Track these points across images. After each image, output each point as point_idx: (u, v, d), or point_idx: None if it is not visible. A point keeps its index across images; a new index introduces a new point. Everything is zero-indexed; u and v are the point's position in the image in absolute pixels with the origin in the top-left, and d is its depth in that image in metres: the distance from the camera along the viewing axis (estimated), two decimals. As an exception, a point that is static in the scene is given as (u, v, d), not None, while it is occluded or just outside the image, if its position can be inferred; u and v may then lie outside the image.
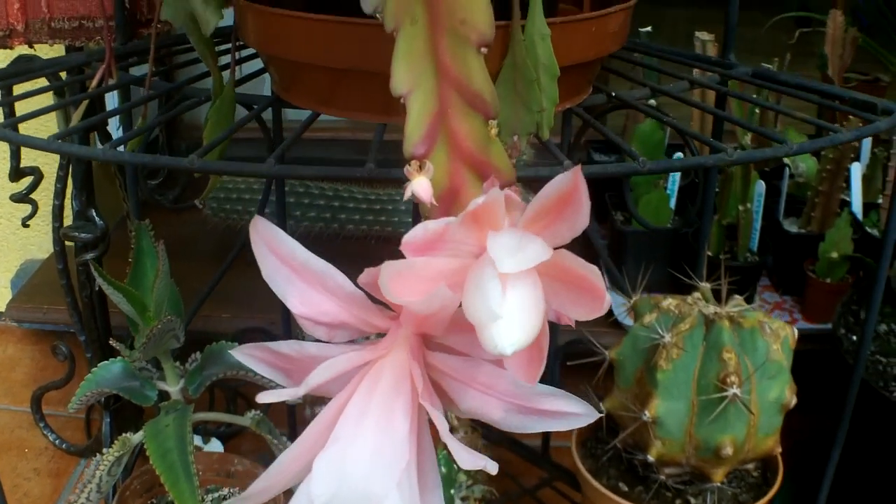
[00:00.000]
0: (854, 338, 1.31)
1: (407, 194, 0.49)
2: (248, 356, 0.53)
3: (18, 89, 0.95)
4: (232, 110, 0.84)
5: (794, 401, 0.96)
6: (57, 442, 1.43)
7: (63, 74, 1.07)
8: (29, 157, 1.26)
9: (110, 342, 0.96)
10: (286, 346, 0.51)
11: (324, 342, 0.50)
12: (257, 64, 0.90)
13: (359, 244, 1.70)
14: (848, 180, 1.62)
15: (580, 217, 0.44)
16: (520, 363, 0.44)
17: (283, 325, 1.28)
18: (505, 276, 0.41)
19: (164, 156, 0.74)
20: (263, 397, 0.48)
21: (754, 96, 1.23)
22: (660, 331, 0.94)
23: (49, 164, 1.24)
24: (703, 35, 1.62)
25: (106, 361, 0.97)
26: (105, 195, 1.29)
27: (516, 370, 0.45)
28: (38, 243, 1.79)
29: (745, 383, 0.92)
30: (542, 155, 0.72)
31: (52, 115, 1.20)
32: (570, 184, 0.43)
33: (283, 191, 1.19)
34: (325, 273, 0.49)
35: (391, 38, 0.50)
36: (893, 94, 2.01)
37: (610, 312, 1.45)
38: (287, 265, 0.49)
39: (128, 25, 1.09)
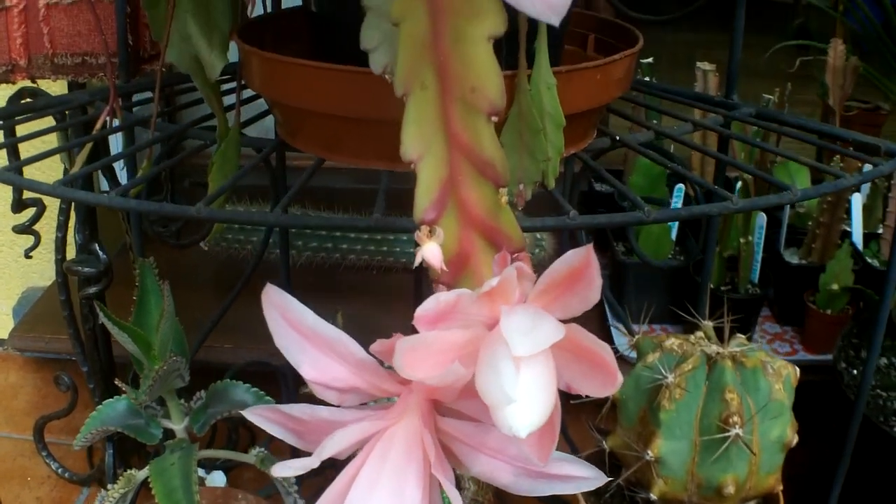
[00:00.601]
0: (854, 372, 1.32)
1: (417, 260, 0.49)
2: (260, 417, 0.53)
3: (22, 129, 0.95)
4: (237, 153, 0.85)
5: (795, 439, 0.96)
6: (59, 471, 1.43)
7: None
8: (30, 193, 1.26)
9: (115, 382, 0.96)
10: (297, 410, 0.52)
11: (335, 406, 0.51)
12: (263, 104, 0.90)
13: (360, 274, 1.70)
14: (848, 211, 1.63)
15: (592, 292, 0.44)
16: (532, 440, 0.45)
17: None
18: (518, 357, 0.42)
19: (169, 203, 0.74)
20: (277, 470, 0.48)
21: (757, 140, 1.23)
22: (663, 371, 0.94)
23: (50, 205, 1.24)
24: (704, 65, 1.63)
25: (111, 399, 0.98)
26: (106, 219, 1.29)
27: (529, 447, 0.45)
28: (40, 271, 1.79)
29: (748, 423, 0.92)
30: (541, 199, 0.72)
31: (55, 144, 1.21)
32: (581, 260, 0.44)
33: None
34: (336, 340, 0.49)
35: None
36: (894, 121, 2.02)
37: (612, 339, 1.45)
38: (299, 332, 0.50)
39: (131, 62, 1.10)
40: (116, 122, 0.92)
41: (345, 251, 1.64)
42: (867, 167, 0.90)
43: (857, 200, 1.60)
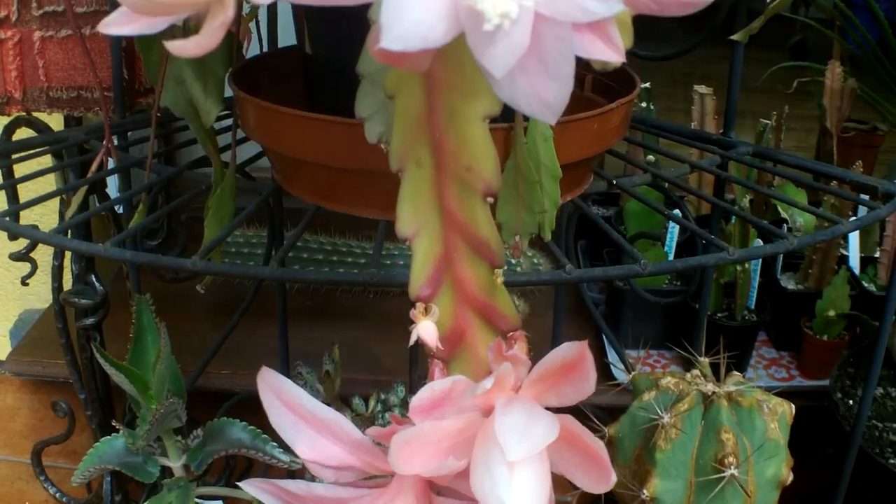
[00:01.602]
0: (850, 402, 1.32)
1: (412, 338, 0.49)
2: (257, 489, 0.53)
3: (19, 167, 0.96)
4: (233, 197, 0.84)
5: (790, 477, 0.96)
6: (58, 496, 1.43)
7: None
8: (29, 217, 1.26)
9: (113, 423, 0.96)
10: (294, 486, 0.52)
11: (331, 483, 0.51)
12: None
13: (357, 298, 1.70)
14: (845, 235, 1.63)
15: (586, 384, 0.44)
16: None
17: (282, 372, 1.28)
18: (513, 461, 0.42)
19: (164, 256, 0.74)
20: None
21: (753, 182, 1.23)
22: (659, 411, 0.94)
23: (48, 221, 1.24)
24: (701, 89, 1.63)
25: (108, 437, 0.98)
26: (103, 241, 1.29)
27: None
28: (38, 293, 1.79)
29: (743, 464, 0.92)
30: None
31: (52, 178, 1.21)
32: (576, 354, 0.44)
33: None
34: (331, 420, 0.50)
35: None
36: (892, 142, 2.02)
37: (610, 373, 1.45)
38: (295, 413, 0.50)
39: (126, 95, 1.09)
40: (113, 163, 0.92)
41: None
42: (864, 209, 0.90)
43: (855, 224, 1.60)
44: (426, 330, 0.49)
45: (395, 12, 0.36)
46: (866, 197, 0.96)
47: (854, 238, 1.62)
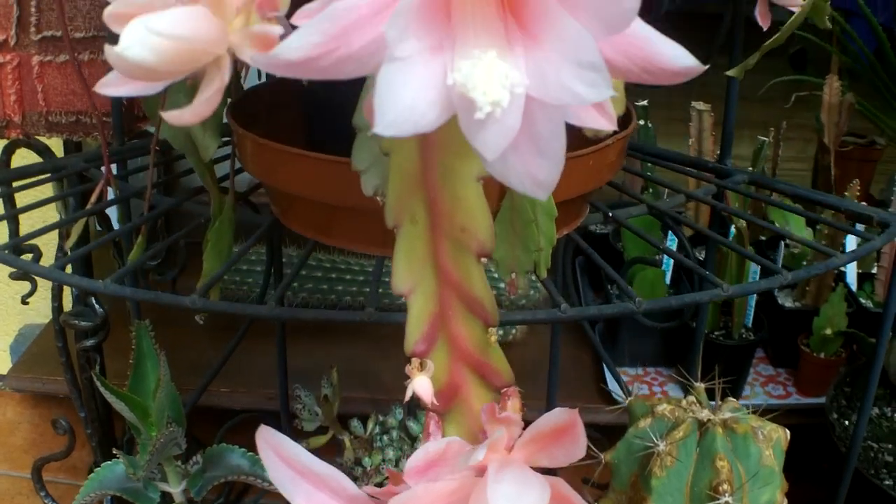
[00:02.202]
0: (846, 423, 1.32)
1: (408, 394, 0.50)
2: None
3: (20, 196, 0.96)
4: (231, 229, 0.85)
5: (784, 502, 0.97)
6: (58, 512, 1.44)
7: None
8: (27, 228, 1.26)
9: (113, 451, 0.97)
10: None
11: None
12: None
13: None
14: (843, 251, 1.63)
15: (576, 449, 0.45)
16: None
17: (281, 399, 1.29)
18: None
19: (164, 294, 0.75)
20: None
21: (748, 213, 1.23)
22: (654, 438, 0.95)
23: (49, 243, 1.24)
24: (699, 105, 1.63)
25: (108, 462, 0.99)
26: (102, 252, 1.28)
27: None
28: (38, 308, 1.79)
29: (738, 491, 0.93)
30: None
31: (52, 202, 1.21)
32: (567, 421, 0.45)
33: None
34: (329, 476, 0.50)
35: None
36: (891, 154, 2.02)
37: (607, 393, 1.46)
38: (293, 469, 0.50)
39: (125, 121, 1.10)
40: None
41: (340, 293, 1.64)
42: (852, 235, 0.91)
43: (852, 242, 1.61)
44: (421, 385, 0.50)
45: (388, 98, 0.36)
46: (862, 227, 0.96)
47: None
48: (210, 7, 0.45)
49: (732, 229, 1.48)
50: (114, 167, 0.96)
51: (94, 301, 1.22)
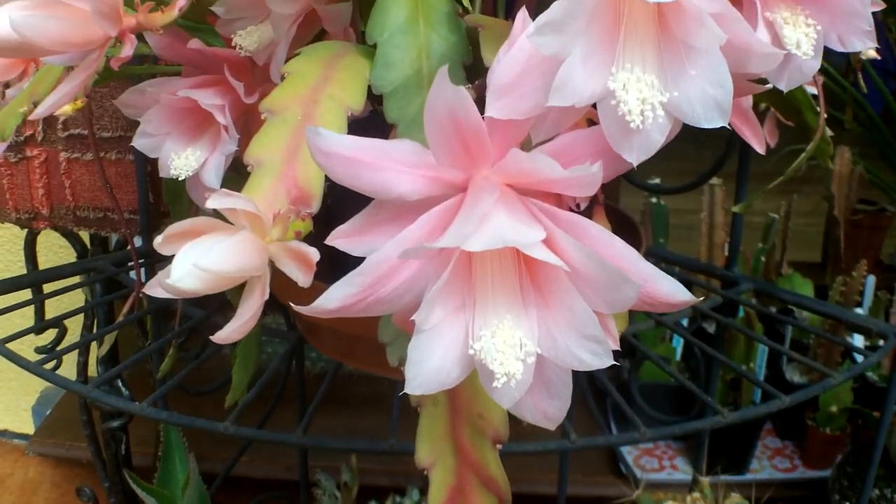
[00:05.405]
0: (847, 504, 1.35)
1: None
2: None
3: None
4: (258, 343, 0.88)
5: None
6: (81, 577, 1.47)
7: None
8: (53, 308, 1.28)
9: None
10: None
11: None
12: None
13: (373, 385, 1.73)
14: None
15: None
16: None
17: (301, 469, 1.32)
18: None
19: (198, 419, 0.78)
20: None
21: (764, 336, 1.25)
22: (662, 535, 0.99)
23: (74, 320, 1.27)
24: (711, 180, 1.66)
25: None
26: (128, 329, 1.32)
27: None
28: (61, 368, 1.82)
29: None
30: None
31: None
32: None
33: (303, 364, 1.23)
34: None
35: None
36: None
37: (617, 465, 1.49)
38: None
39: (151, 217, 1.13)
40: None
41: (359, 363, 1.67)
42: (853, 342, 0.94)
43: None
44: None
45: (418, 363, 0.41)
46: (859, 336, 0.99)
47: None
48: (249, 225, 0.49)
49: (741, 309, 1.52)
50: (142, 273, 0.99)
51: (120, 384, 1.26)
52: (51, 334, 1.31)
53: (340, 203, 0.59)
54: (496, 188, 0.43)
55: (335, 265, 0.86)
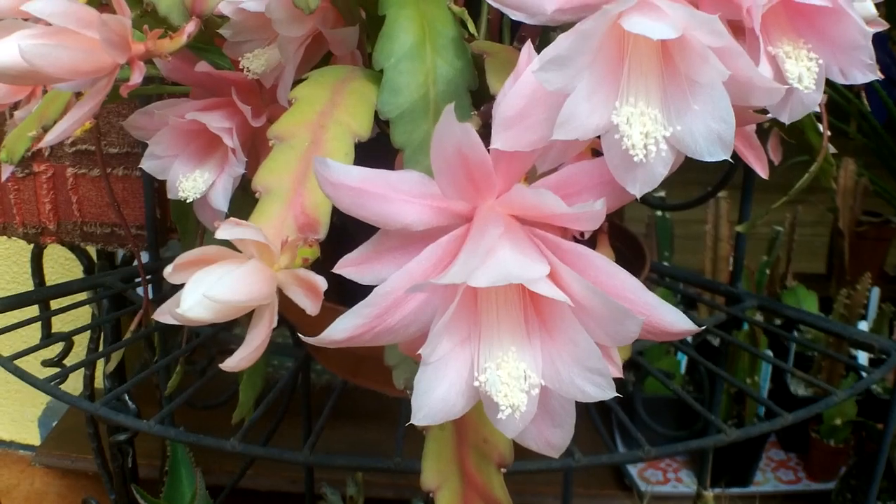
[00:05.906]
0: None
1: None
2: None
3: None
4: (264, 364, 0.89)
5: None
6: (87, 586, 1.48)
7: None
8: (59, 323, 1.29)
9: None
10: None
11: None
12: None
13: (379, 399, 1.73)
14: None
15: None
16: None
17: (307, 483, 1.33)
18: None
19: (206, 437, 0.79)
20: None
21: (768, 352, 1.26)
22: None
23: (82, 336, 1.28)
24: (716, 193, 1.67)
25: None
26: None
27: None
28: (67, 381, 1.83)
29: None
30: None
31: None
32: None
33: (309, 379, 1.24)
34: None
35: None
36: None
37: (622, 478, 1.49)
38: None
39: (159, 233, 1.14)
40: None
41: (364, 374, 1.67)
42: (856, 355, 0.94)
43: (864, 328, 1.64)
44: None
45: (424, 395, 0.42)
46: (862, 352, 1.00)
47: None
48: (257, 254, 0.49)
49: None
50: (150, 290, 1.00)
51: (126, 398, 1.27)
52: (57, 346, 1.32)
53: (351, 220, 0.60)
54: (501, 220, 0.43)
55: (344, 280, 0.87)
